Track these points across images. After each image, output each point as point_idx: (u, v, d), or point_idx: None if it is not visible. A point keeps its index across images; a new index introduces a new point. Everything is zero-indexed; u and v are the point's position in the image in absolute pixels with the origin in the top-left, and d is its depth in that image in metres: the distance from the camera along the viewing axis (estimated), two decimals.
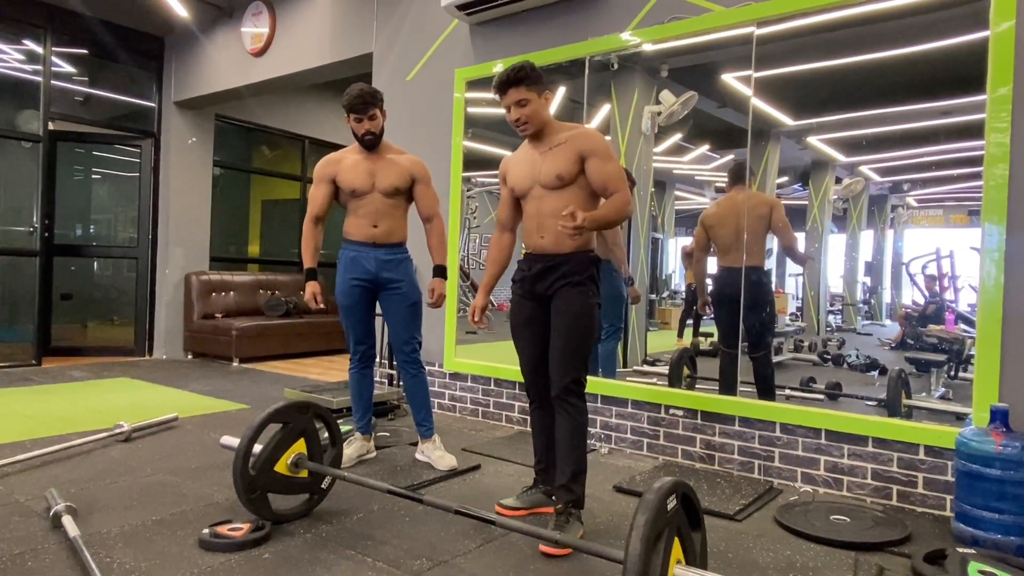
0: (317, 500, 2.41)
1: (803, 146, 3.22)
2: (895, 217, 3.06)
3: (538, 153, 2.39)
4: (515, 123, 2.37)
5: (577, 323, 2.29)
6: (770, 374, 3.15)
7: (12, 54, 5.60)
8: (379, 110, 2.88)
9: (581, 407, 2.31)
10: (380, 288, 2.95)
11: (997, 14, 2.49)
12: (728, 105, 3.33)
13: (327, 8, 5.00)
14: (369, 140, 2.88)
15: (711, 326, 3.80)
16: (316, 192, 2.98)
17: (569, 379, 2.28)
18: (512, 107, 2.34)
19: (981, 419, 2.42)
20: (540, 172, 2.35)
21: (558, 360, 2.31)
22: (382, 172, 2.90)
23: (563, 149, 2.33)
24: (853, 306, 3.24)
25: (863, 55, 2.90)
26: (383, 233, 2.92)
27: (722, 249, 3.32)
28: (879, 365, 2.97)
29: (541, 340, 2.41)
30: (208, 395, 4.56)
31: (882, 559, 2.15)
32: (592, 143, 2.32)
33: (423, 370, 3.04)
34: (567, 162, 2.31)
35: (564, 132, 2.37)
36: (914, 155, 2.95)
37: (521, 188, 2.43)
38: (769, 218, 3.22)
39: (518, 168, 2.45)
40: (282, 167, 7.77)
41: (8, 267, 5.69)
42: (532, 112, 2.34)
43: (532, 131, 2.38)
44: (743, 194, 3.25)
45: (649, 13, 3.39)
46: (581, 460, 2.29)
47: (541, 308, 2.40)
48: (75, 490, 2.54)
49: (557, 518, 2.24)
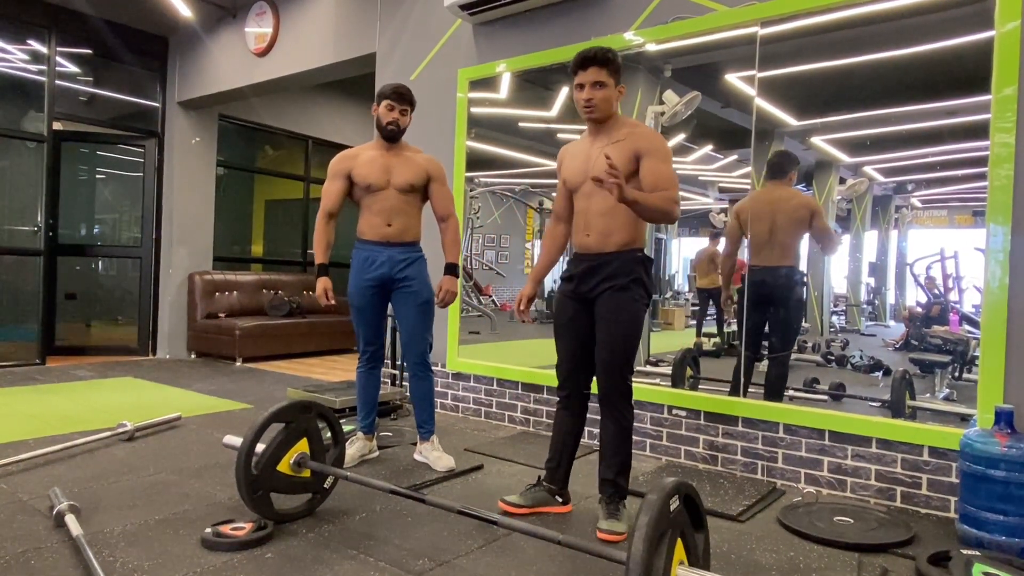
0: (319, 500, 2.41)
1: (807, 146, 3.21)
2: (899, 218, 3.05)
3: (596, 148, 2.34)
4: (585, 103, 2.30)
5: (623, 331, 2.27)
6: (784, 375, 3.12)
7: (17, 54, 5.62)
8: (410, 110, 2.96)
9: (629, 411, 2.33)
10: (392, 288, 2.94)
11: (1002, 14, 2.48)
12: (732, 105, 3.33)
13: (330, 8, 5.00)
14: (391, 131, 2.91)
15: (712, 327, 3.79)
16: (330, 187, 2.97)
17: (617, 387, 2.29)
18: (587, 86, 2.28)
19: (986, 420, 2.41)
20: (594, 167, 2.28)
21: (606, 368, 2.30)
22: (398, 168, 2.91)
23: (621, 146, 2.28)
24: (857, 307, 3.23)
25: (867, 55, 2.89)
26: (397, 232, 2.91)
27: (755, 247, 3.21)
28: (883, 366, 2.96)
29: (582, 342, 2.39)
30: (211, 395, 4.57)
31: (886, 561, 2.15)
32: (651, 143, 2.27)
33: (431, 373, 3.03)
34: (623, 160, 2.25)
35: (625, 128, 2.32)
36: (918, 155, 2.93)
37: (574, 181, 2.39)
38: (809, 223, 3.14)
39: (573, 160, 2.40)
40: (285, 167, 7.78)
41: (12, 266, 5.70)
42: (605, 98, 2.29)
43: (598, 116, 2.31)
44: (781, 190, 3.16)
45: (652, 13, 3.39)
46: (627, 459, 2.35)
47: (585, 309, 2.37)
48: (78, 489, 2.55)
49: (607, 507, 2.32)
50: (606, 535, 2.24)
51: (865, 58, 2.90)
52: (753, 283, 3.21)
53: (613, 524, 2.27)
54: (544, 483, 2.51)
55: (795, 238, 3.17)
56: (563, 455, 2.49)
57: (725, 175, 3.65)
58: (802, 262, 3.22)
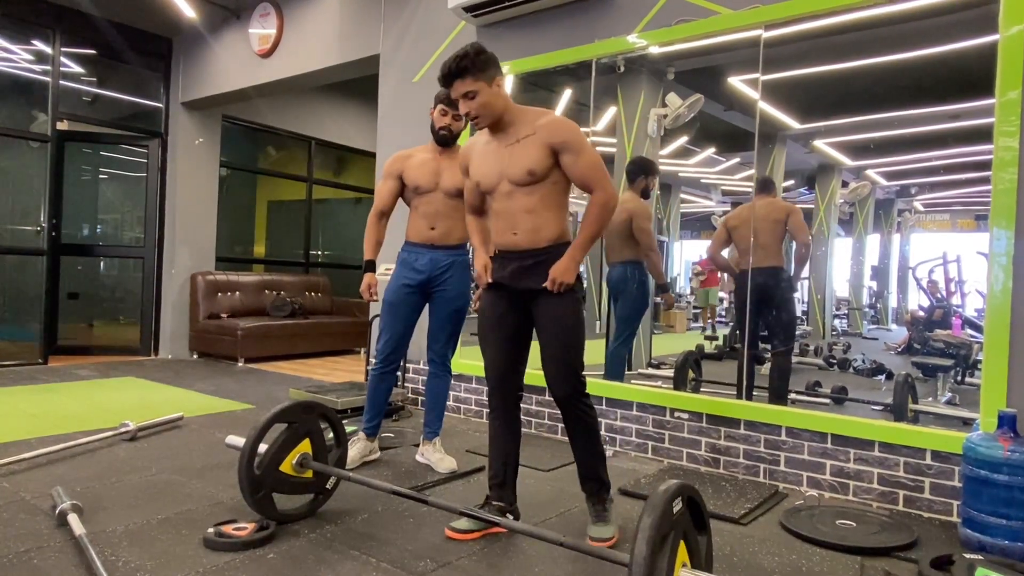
0: (322, 500, 2.41)
1: (810, 149, 3.22)
2: (902, 221, 3.05)
3: (503, 145, 2.19)
4: (466, 117, 2.18)
5: (568, 331, 2.19)
6: (788, 371, 3.13)
7: (21, 54, 5.63)
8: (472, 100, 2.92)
9: (590, 407, 2.26)
10: (431, 290, 2.93)
11: (1007, 18, 2.48)
12: (735, 108, 3.33)
13: (335, 9, 5.01)
14: (443, 135, 2.92)
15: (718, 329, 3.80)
16: (383, 187, 2.99)
17: (572, 386, 2.21)
18: (460, 100, 2.15)
19: (989, 424, 2.41)
20: (508, 167, 2.17)
21: (557, 371, 2.20)
22: (448, 172, 2.89)
23: (532, 141, 2.14)
24: (859, 310, 3.23)
25: (871, 58, 2.89)
26: (440, 235, 2.91)
27: (742, 251, 3.29)
28: (885, 369, 2.96)
29: (513, 345, 2.29)
30: (213, 395, 4.57)
31: (888, 564, 2.14)
32: (563, 134, 2.13)
33: (448, 374, 3.05)
34: (539, 156, 2.13)
35: (528, 121, 2.17)
36: (921, 159, 2.94)
37: (488, 183, 2.23)
38: (786, 222, 3.23)
39: (482, 161, 2.25)
40: (288, 168, 7.79)
41: (16, 266, 5.71)
42: (482, 104, 2.13)
43: (485, 123, 2.18)
44: (763, 200, 3.25)
45: (656, 16, 3.39)
46: (601, 451, 2.29)
47: (517, 309, 2.25)
48: (81, 488, 2.55)
49: (595, 507, 2.26)
50: (596, 543, 2.15)
51: (868, 62, 2.90)
52: (744, 285, 3.24)
53: (601, 530, 2.22)
54: (492, 502, 2.31)
55: (777, 237, 3.22)
56: (507, 469, 2.33)
57: (728, 178, 3.66)
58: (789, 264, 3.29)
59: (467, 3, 3.81)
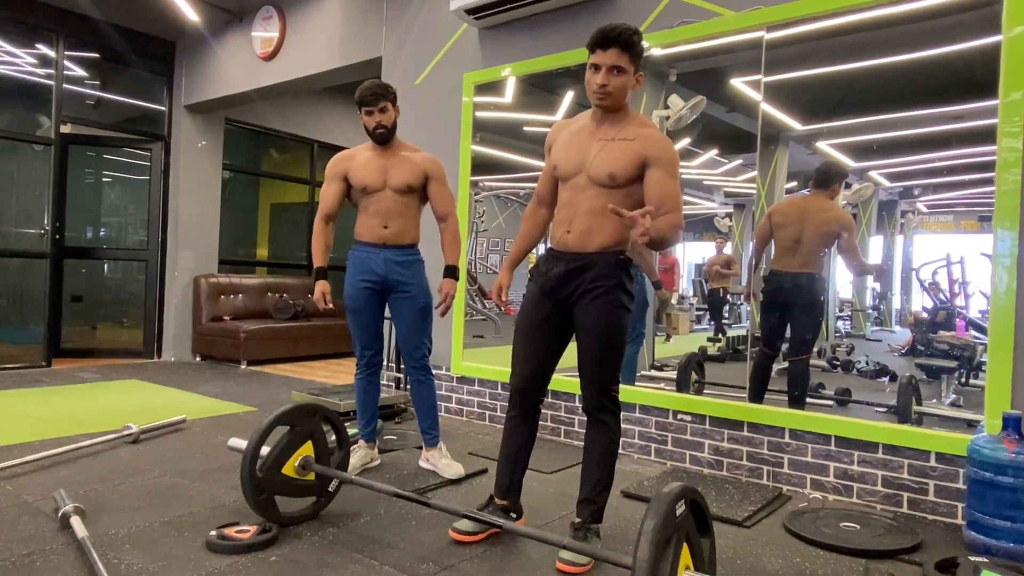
0: (324, 503, 2.40)
1: (812, 151, 3.21)
2: (905, 222, 3.04)
3: (597, 139, 2.10)
4: (598, 88, 2.03)
5: (609, 338, 2.09)
6: (808, 376, 3.12)
7: (25, 58, 5.65)
8: (390, 103, 2.82)
9: (616, 423, 2.16)
10: (389, 291, 2.88)
11: (1010, 18, 2.47)
12: (737, 109, 3.33)
13: (337, 12, 5.02)
14: (381, 134, 2.82)
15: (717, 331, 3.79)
16: (327, 190, 2.93)
17: (605, 396, 2.13)
18: (603, 69, 2.01)
19: (993, 426, 2.40)
20: (593, 162, 2.08)
21: (592, 377, 2.13)
22: (395, 169, 2.83)
23: (628, 146, 2.05)
24: (862, 312, 3.22)
25: (874, 59, 2.89)
26: (394, 234, 2.84)
27: (780, 251, 3.20)
28: (889, 371, 2.95)
29: (549, 349, 2.21)
30: (216, 397, 4.57)
31: (893, 567, 2.14)
32: (662, 151, 2.04)
33: (431, 376, 2.98)
34: (627, 163, 2.04)
35: (634, 126, 2.09)
36: (924, 160, 2.93)
37: (566, 171, 2.14)
38: (838, 236, 3.13)
39: (569, 147, 2.15)
40: (291, 171, 7.80)
41: (19, 269, 5.73)
42: (621, 85, 2.03)
43: (609, 104, 2.06)
44: (820, 201, 3.15)
45: (658, 17, 3.39)
46: (609, 475, 2.16)
47: (560, 312, 2.16)
48: (83, 491, 2.55)
49: (575, 532, 2.11)
50: (566, 566, 2.00)
51: (871, 62, 2.90)
52: (774, 287, 3.22)
53: (573, 553, 2.00)
54: (497, 502, 2.29)
55: (821, 248, 3.14)
56: (516, 470, 2.28)
57: (730, 179, 3.65)
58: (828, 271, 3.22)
59: (469, 5, 3.81)
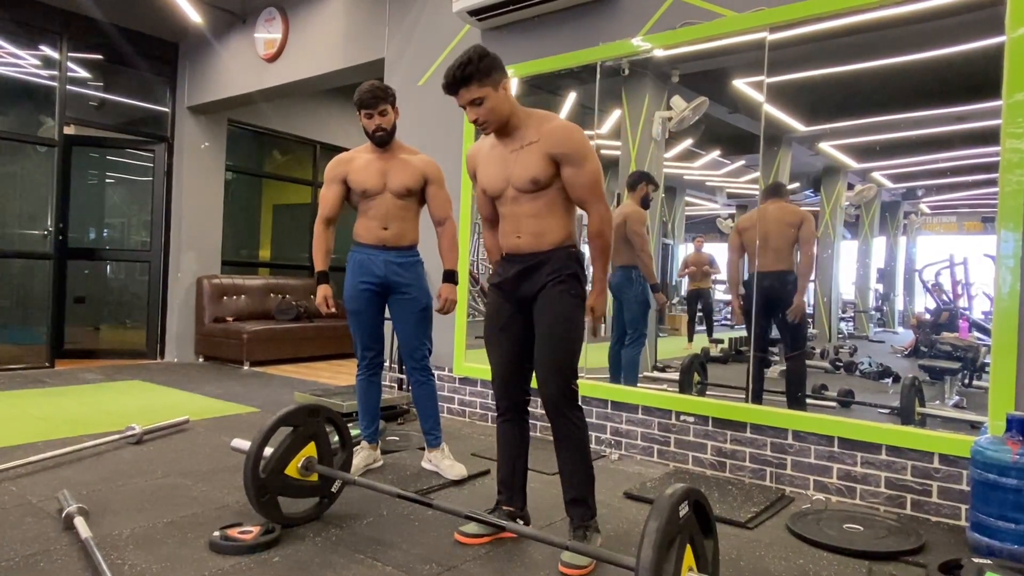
0: (327, 504, 2.41)
1: (815, 152, 3.21)
2: (908, 223, 3.04)
3: (508, 151, 2.16)
4: (475, 123, 2.13)
5: (561, 324, 2.12)
6: (804, 375, 3.12)
7: (29, 59, 5.67)
8: (390, 106, 2.82)
9: (579, 418, 2.15)
10: (389, 292, 2.89)
11: (1013, 19, 2.47)
12: (740, 111, 3.33)
13: (340, 14, 5.03)
14: (380, 137, 2.82)
15: (719, 332, 3.79)
16: (327, 192, 2.93)
17: (561, 390, 2.12)
18: (468, 107, 2.10)
19: (997, 428, 2.39)
20: (513, 174, 2.14)
21: (546, 369, 2.13)
22: (394, 172, 2.84)
23: (536, 148, 2.10)
24: (865, 313, 3.22)
25: (876, 60, 2.88)
26: (393, 236, 2.85)
27: (751, 255, 3.28)
28: (892, 373, 2.94)
29: (517, 348, 2.25)
30: (219, 398, 4.58)
31: (896, 569, 2.13)
32: (564, 145, 2.08)
33: (432, 377, 2.98)
34: (541, 165, 2.10)
35: (533, 126, 2.13)
36: (928, 161, 2.92)
37: (494, 189, 2.21)
38: (799, 226, 3.21)
39: (489, 167, 2.22)
40: (293, 172, 7.82)
41: (23, 270, 5.74)
42: (490, 110, 2.09)
43: (493, 128, 2.14)
44: (775, 205, 3.23)
45: (661, 18, 3.39)
46: (588, 468, 2.17)
47: (521, 313, 2.22)
48: (87, 492, 2.56)
49: (575, 533, 2.13)
50: (568, 568, 2.00)
51: (874, 63, 2.89)
52: (755, 287, 3.23)
53: (573, 554, 2.01)
54: (503, 507, 2.30)
55: (788, 243, 3.21)
56: (516, 473, 2.30)
57: (732, 180, 3.65)
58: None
59: (471, 7, 3.81)
